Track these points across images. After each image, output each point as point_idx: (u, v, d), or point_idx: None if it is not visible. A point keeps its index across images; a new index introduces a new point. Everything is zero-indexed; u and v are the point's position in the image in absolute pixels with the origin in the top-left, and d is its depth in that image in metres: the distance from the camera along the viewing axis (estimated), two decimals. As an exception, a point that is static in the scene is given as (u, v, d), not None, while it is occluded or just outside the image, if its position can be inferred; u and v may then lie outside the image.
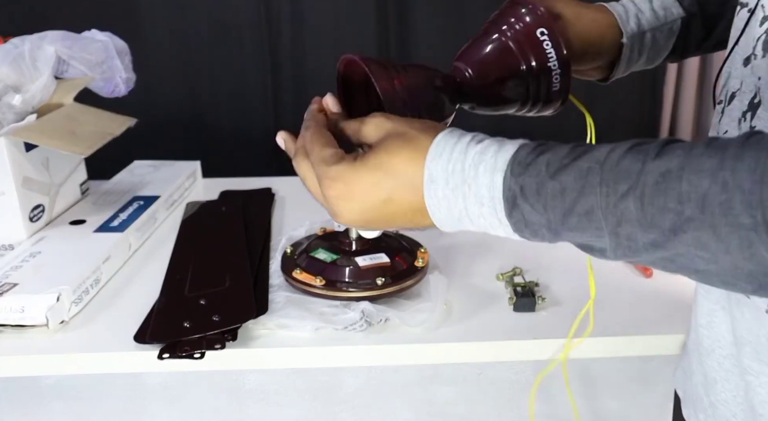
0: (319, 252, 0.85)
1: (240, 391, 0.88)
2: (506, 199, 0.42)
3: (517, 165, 0.42)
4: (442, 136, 0.46)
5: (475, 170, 0.43)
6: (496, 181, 0.42)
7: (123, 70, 1.08)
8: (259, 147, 1.91)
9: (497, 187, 0.42)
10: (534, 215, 0.41)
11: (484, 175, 0.43)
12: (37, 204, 0.96)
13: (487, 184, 0.42)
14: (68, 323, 0.78)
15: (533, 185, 0.41)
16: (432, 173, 0.44)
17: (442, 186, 0.44)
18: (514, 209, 0.42)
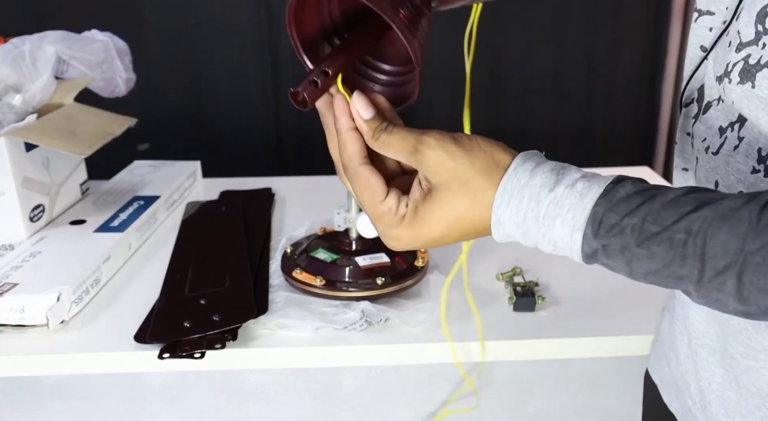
0: (319, 252, 0.85)
1: (240, 391, 0.88)
2: (585, 253, 0.43)
3: (598, 226, 0.41)
4: (507, 179, 0.45)
5: (551, 222, 0.43)
6: (575, 238, 0.42)
7: (123, 70, 1.08)
8: (259, 147, 1.91)
9: (576, 244, 0.43)
10: (613, 263, 0.42)
11: (562, 229, 0.43)
12: (38, 204, 0.96)
13: (564, 238, 0.43)
14: (68, 322, 0.78)
15: (617, 246, 0.41)
16: (500, 219, 0.45)
17: (511, 230, 0.45)
18: (592, 259, 0.43)
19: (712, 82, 0.50)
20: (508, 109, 1.95)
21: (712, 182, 0.49)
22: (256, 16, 1.80)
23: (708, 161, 0.50)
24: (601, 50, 1.92)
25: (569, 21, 1.87)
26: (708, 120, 0.50)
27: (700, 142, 0.51)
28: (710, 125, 0.50)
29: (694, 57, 0.54)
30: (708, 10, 0.52)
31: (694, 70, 0.54)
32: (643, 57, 1.95)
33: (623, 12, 1.87)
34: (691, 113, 0.54)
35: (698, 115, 0.52)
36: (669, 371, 0.62)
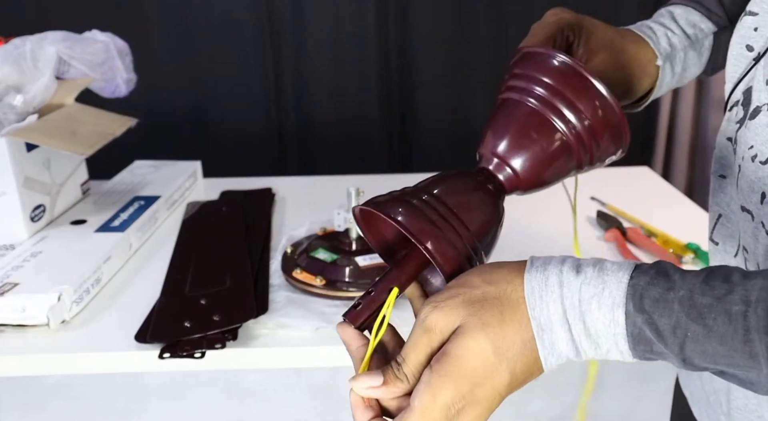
0: (319, 252, 0.85)
1: (240, 391, 0.88)
2: (631, 335, 0.38)
3: (640, 299, 0.38)
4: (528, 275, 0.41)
5: (588, 306, 0.39)
6: (617, 319, 0.38)
7: (124, 70, 1.08)
8: (259, 147, 1.91)
9: (619, 325, 0.38)
10: (665, 349, 0.38)
11: (599, 312, 0.39)
12: (38, 204, 0.97)
13: (606, 322, 0.39)
14: (69, 322, 0.78)
15: (667, 326, 0.37)
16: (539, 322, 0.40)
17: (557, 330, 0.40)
18: (640, 344, 0.38)
19: (762, 85, 0.47)
20: (508, 110, 1.95)
21: (758, 193, 0.46)
22: (257, 16, 1.80)
23: (754, 171, 0.46)
24: (601, 50, 1.91)
25: (569, 21, 1.87)
26: (756, 126, 0.47)
27: (746, 150, 0.47)
28: (758, 132, 0.46)
29: (738, 57, 0.51)
30: (750, 11, 0.50)
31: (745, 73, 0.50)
32: (643, 57, 1.95)
33: (623, 12, 1.87)
34: (734, 118, 0.50)
35: (744, 120, 0.49)
36: (700, 386, 0.60)
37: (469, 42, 1.85)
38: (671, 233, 1.01)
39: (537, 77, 0.49)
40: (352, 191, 0.85)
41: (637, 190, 1.24)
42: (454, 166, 0.82)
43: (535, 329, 0.40)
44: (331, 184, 1.23)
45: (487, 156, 0.49)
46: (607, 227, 1.03)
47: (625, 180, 1.30)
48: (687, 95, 1.94)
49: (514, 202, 0.52)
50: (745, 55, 0.50)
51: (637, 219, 1.07)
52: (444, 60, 1.86)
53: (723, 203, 0.53)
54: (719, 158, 0.54)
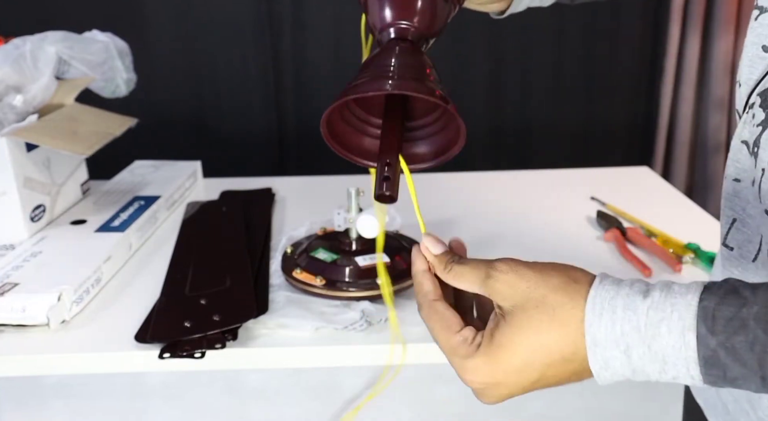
0: (319, 252, 0.85)
1: (240, 391, 0.88)
2: (703, 359, 0.37)
3: (713, 320, 0.37)
4: (594, 292, 0.40)
5: (656, 329, 0.38)
6: (689, 342, 0.37)
7: (124, 70, 1.08)
8: (259, 147, 1.91)
9: (690, 348, 0.37)
10: (742, 372, 0.36)
11: (669, 335, 0.38)
12: (38, 204, 0.97)
13: (675, 346, 0.37)
14: (69, 322, 0.78)
15: (743, 344, 0.36)
16: (595, 338, 0.39)
17: (611, 349, 0.39)
18: (713, 368, 0.37)
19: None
20: (508, 109, 1.95)
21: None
22: (257, 16, 1.80)
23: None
24: (601, 50, 1.92)
25: (569, 21, 1.87)
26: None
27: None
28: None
29: (754, 58, 0.50)
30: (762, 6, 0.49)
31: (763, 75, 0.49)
32: (643, 57, 1.95)
33: (623, 12, 1.87)
34: (752, 120, 0.49)
35: (765, 123, 0.47)
36: (715, 394, 0.58)
37: (468, 42, 1.85)
38: (671, 233, 1.01)
39: None
40: (352, 191, 0.85)
41: (637, 190, 1.24)
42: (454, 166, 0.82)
43: (588, 343, 0.40)
44: (331, 184, 1.23)
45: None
46: (607, 227, 1.03)
47: (625, 180, 1.30)
48: (687, 95, 1.94)
49: (514, 202, 0.52)
50: (761, 56, 0.49)
51: (637, 219, 1.07)
52: (444, 60, 1.86)
53: (738, 207, 0.52)
54: (734, 162, 0.52)
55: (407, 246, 0.88)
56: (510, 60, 1.90)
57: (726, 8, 1.82)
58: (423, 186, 0.74)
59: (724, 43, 1.86)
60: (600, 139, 2.01)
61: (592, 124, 2.00)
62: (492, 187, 1.26)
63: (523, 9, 0.69)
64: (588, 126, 2.00)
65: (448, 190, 1.21)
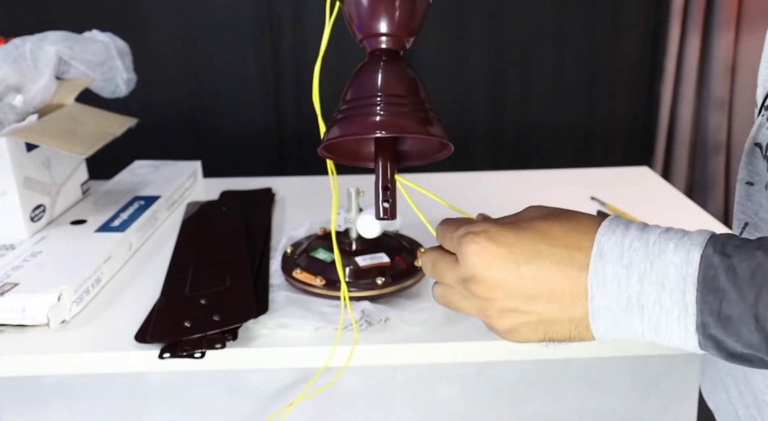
0: (319, 252, 0.85)
1: (240, 391, 0.88)
2: (703, 280, 0.35)
3: (722, 245, 0.36)
4: (611, 219, 0.41)
5: (663, 246, 0.37)
6: (692, 259, 0.36)
7: (124, 70, 1.08)
8: (259, 147, 1.91)
9: (692, 265, 0.36)
10: (738, 305, 0.34)
11: (675, 253, 0.36)
12: (38, 204, 0.97)
13: (678, 263, 0.36)
14: (69, 322, 0.78)
15: (746, 269, 0.34)
16: (603, 248, 0.39)
17: (613, 262, 0.38)
18: (710, 294, 0.35)
19: None
20: (508, 110, 1.95)
21: None
22: (257, 16, 1.80)
23: None
24: (601, 50, 1.92)
25: (569, 21, 1.87)
26: None
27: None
28: None
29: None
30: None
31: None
32: (642, 57, 1.95)
33: (623, 12, 1.87)
34: (767, 123, 0.48)
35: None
36: (726, 399, 0.56)
37: (469, 42, 1.85)
38: (671, 233, 1.01)
39: None
40: (352, 191, 0.85)
41: (637, 190, 1.24)
42: (454, 167, 0.83)
43: (594, 252, 0.39)
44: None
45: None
46: (607, 226, 1.03)
47: (625, 180, 1.30)
48: (687, 95, 1.94)
49: (514, 202, 0.52)
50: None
51: (637, 219, 1.07)
52: (444, 60, 1.86)
53: (750, 211, 0.51)
54: (747, 164, 0.51)
55: (407, 246, 0.88)
56: (510, 60, 1.90)
57: (726, 8, 1.82)
58: (424, 186, 0.75)
59: (724, 43, 1.86)
60: (600, 139, 2.01)
61: (592, 124, 2.00)
62: (492, 187, 1.26)
63: None
64: (588, 126, 2.00)
65: (448, 190, 1.21)
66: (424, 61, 1.83)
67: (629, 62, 1.95)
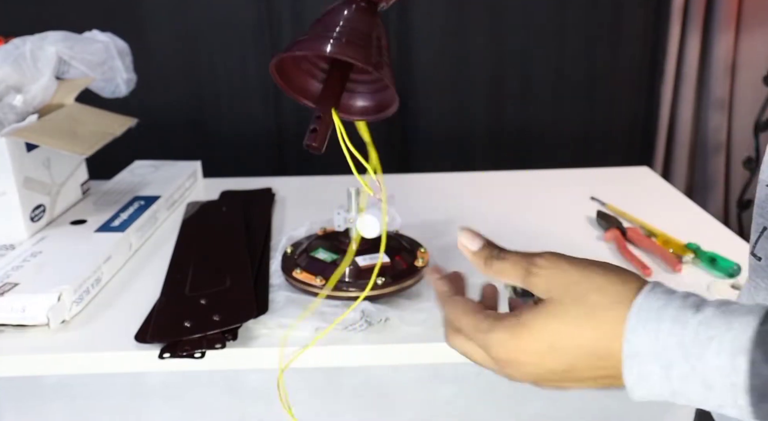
0: (319, 252, 0.85)
1: (240, 391, 0.88)
2: (753, 388, 0.33)
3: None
4: (643, 299, 0.37)
5: (703, 349, 0.34)
6: (738, 367, 0.33)
7: (124, 70, 1.08)
8: (259, 147, 1.91)
9: (740, 374, 0.33)
10: None
11: (718, 357, 0.33)
12: (38, 204, 0.97)
13: (723, 370, 0.34)
14: (69, 322, 0.78)
15: None
16: (634, 348, 0.36)
17: (649, 362, 0.36)
18: (765, 401, 0.33)
19: None
20: (508, 110, 1.95)
21: None
22: (257, 16, 1.80)
23: None
24: (601, 50, 1.92)
25: (569, 21, 1.87)
26: None
27: None
28: None
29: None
30: None
31: None
32: (643, 57, 1.95)
33: (623, 12, 1.87)
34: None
35: None
36: None
37: (469, 42, 1.85)
38: (671, 233, 1.01)
39: None
40: (352, 191, 0.85)
41: (637, 191, 1.24)
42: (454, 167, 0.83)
43: (625, 352, 0.36)
44: (331, 184, 1.23)
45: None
46: (607, 227, 1.03)
47: (625, 180, 1.30)
48: (687, 95, 1.94)
49: (514, 202, 0.52)
50: None
51: (637, 219, 1.07)
52: (444, 60, 1.86)
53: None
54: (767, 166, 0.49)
55: (407, 246, 0.88)
56: (510, 60, 1.90)
57: (726, 8, 1.82)
58: (423, 186, 0.75)
59: (724, 43, 1.86)
60: (600, 139, 2.01)
61: (593, 124, 2.00)
62: (492, 187, 1.26)
63: None
64: (588, 126, 2.00)
65: (448, 190, 1.21)
66: (424, 61, 1.83)
67: (629, 62, 1.95)
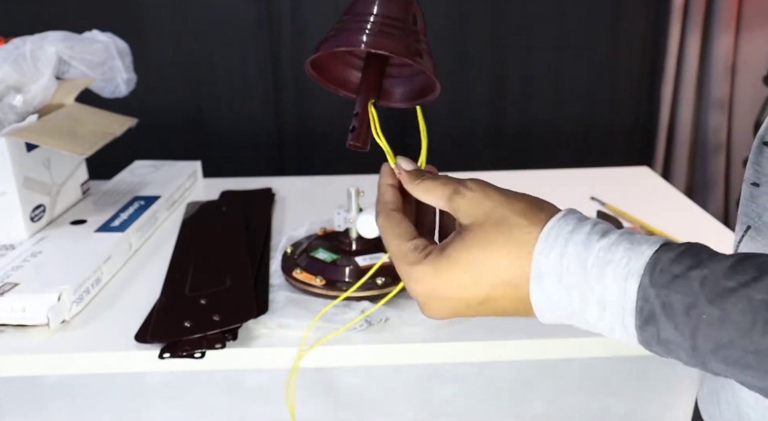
0: (319, 252, 0.85)
1: (240, 391, 0.88)
2: (640, 311, 0.35)
3: (660, 273, 0.35)
4: (554, 222, 0.39)
5: (601, 271, 0.36)
6: (629, 290, 0.35)
7: (124, 70, 1.08)
8: (259, 147, 1.91)
9: (630, 297, 0.35)
10: (675, 335, 0.34)
11: (613, 279, 0.36)
12: (38, 204, 0.97)
13: (616, 292, 0.36)
14: (69, 322, 0.78)
15: (681, 305, 0.34)
16: (541, 268, 0.38)
17: (554, 282, 0.38)
18: (648, 324, 0.35)
19: None
20: (509, 110, 1.95)
21: None
22: (257, 16, 1.80)
23: None
24: (601, 50, 1.92)
25: (569, 21, 1.88)
26: None
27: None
28: None
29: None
30: None
31: None
32: (643, 57, 1.95)
33: (623, 12, 1.87)
34: None
35: None
36: (719, 413, 0.54)
37: (469, 42, 1.85)
38: (671, 233, 1.01)
39: None
40: (352, 191, 0.85)
41: (637, 190, 1.24)
42: (454, 167, 0.83)
43: (533, 272, 0.38)
44: (331, 184, 1.23)
45: None
46: (607, 227, 1.03)
47: (625, 180, 1.30)
48: (687, 95, 1.94)
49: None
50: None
51: (637, 219, 1.07)
52: (444, 60, 1.86)
53: (754, 214, 0.48)
54: (753, 164, 0.49)
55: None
56: (511, 60, 1.90)
57: (726, 8, 1.82)
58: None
59: (724, 43, 1.86)
60: (600, 139, 2.01)
61: (593, 125, 2.00)
62: (492, 188, 1.26)
63: None
64: (588, 126, 2.00)
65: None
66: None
67: (629, 62, 1.95)
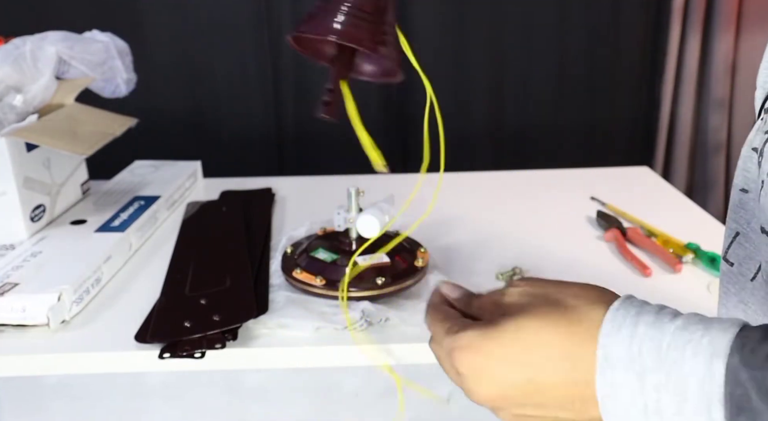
0: (319, 252, 0.85)
1: (240, 391, 0.88)
2: (730, 396, 0.30)
3: (750, 353, 0.30)
4: (619, 304, 0.36)
5: (679, 352, 0.32)
6: (715, 371, 0.31)
7: (124, 70, 1.08)
8: (259, 147, 1.91)
9: (716, 380, 0.31)
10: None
11: (694, 360, 0.32)
12: (38, 204, 0.97)
13: (699, 374, 0.31)
14: (69, 322, 0.78)
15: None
16: (608, 352, 0.34)
17: (623, 369, 0.34)
18: (741, 412, 0.30)
19: None
20: (509, 110, 1.95)
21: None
22: (257, 16, 1.80)
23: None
24: (601, 50, 1.92)
25: (569, 21, 1.87)
26: None
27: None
28: None
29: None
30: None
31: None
32: (643, 57, 1.95)
33: (623, 12, 1.87)
34: (764, 126, 0.45)
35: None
36: None
37: (469, 41, 1.85)
38: (671, 233, 1.01)
39: None
40: (352, 191, 0.85)
41: (637, 190, 1.24)
42: (454, 167, 0.83)
43: (599, 357, 0.34)
44: (331, 184, 1.23)
45: None
46: (607, 227, 1.03)
47: (625, 180, 1.30)
48: (687, 95, 1.94)
49: (514, 202, 0.52)
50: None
51: (637, 219, 1.07)
52: (444, 61, 1.86)
53: (742, 220, 0.48)
54: (742, 170, 0.48)
55: (407, 246, 0.88)
56: (510, 60, 1.90)
57: (726, 8, 1.82)
58: (423, 185, 0.75)
59: (724, 43, 1.86)
60: (600, 139, 2.01)
61: (593, 124, 2.00)
62: (492, 187, 1.26)
63: None
64: (588, 126, 2.00)
65: (448, 190, 1.21)
66: (424, 61, 1.83)
67: (629, 62, 1.95)
